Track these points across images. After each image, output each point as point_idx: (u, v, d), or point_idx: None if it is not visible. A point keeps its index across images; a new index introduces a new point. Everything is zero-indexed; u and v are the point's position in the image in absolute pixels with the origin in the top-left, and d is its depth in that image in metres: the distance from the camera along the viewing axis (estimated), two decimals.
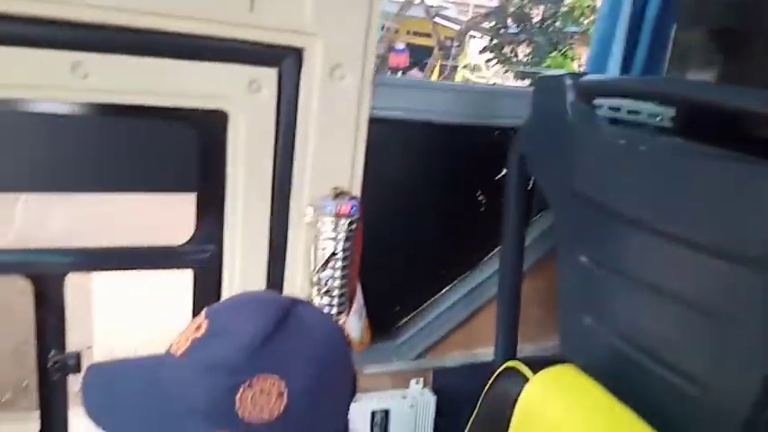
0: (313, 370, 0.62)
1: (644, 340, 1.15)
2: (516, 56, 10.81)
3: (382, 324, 1.67)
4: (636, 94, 1.22)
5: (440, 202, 1.73)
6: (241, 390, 0.59)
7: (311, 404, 0.61)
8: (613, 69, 1.53)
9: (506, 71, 11.07)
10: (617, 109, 1.25)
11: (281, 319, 0.62)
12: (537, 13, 10.56)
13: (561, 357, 1.24)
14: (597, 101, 1.27)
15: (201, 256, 1.47)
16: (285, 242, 1.44)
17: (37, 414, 1.48)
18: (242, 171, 1.38)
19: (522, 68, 10.64)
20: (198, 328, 0.63)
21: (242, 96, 1.27)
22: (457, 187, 1.74)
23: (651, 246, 1.09)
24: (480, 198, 1.74)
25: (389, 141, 1.56)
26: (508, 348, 1.49)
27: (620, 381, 1.11)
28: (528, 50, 10.68)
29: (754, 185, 0.89)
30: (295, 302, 0.66)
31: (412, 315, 1.76)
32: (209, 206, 1.45)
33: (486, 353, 1.65)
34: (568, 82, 1.28)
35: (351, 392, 0.69)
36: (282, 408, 0.59)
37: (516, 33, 10.63)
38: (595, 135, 1.20)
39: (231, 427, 0.60)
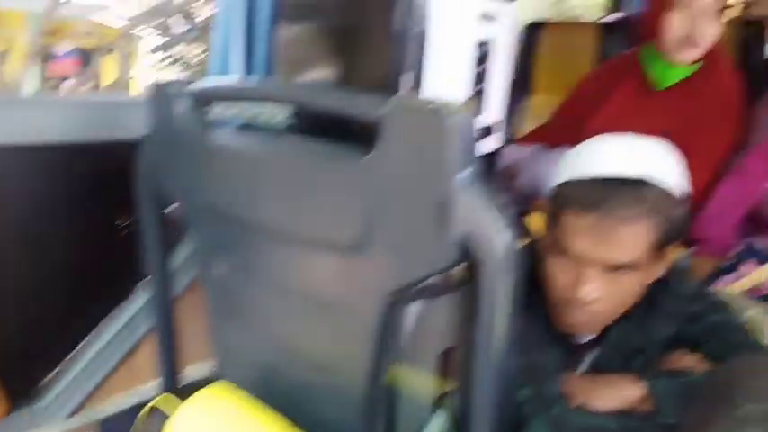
0: None
1: (278, 341, 1.16)
2: (187, 56, 10.45)
3: (21, 387, 1.41)
4: (248, 98, 1.19)
5: (75, 235, 1.51)
6: None
7: None
8: (234, 73, 1.49)
9: (184, 70, 10.65)
10: (234, 113, 1.21)
11: None
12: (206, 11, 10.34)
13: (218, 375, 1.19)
14: (213, 107, 1.21)
15: None
16: None
17: None
18: None
19: (200, 68, 10.32)
20: None
21: None
22: (92, 215, 1.54)
23: (269, 247, 1.10)
24: (119, 224, 1.57)
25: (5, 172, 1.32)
26: (171, 378, 1.38)
27: (266, 386, 1.10)
28: (202, 50, 10.41)
29: (342, 175, 0.93)
30: None
31: (58, 368, 1.52)
32: None
33: (154, 388, 1.50)
34: (180, 89, 1.19)
35: None
36: None
37: (187, 32, 10.26)
38: (209, 142, 1.15)
39: None
